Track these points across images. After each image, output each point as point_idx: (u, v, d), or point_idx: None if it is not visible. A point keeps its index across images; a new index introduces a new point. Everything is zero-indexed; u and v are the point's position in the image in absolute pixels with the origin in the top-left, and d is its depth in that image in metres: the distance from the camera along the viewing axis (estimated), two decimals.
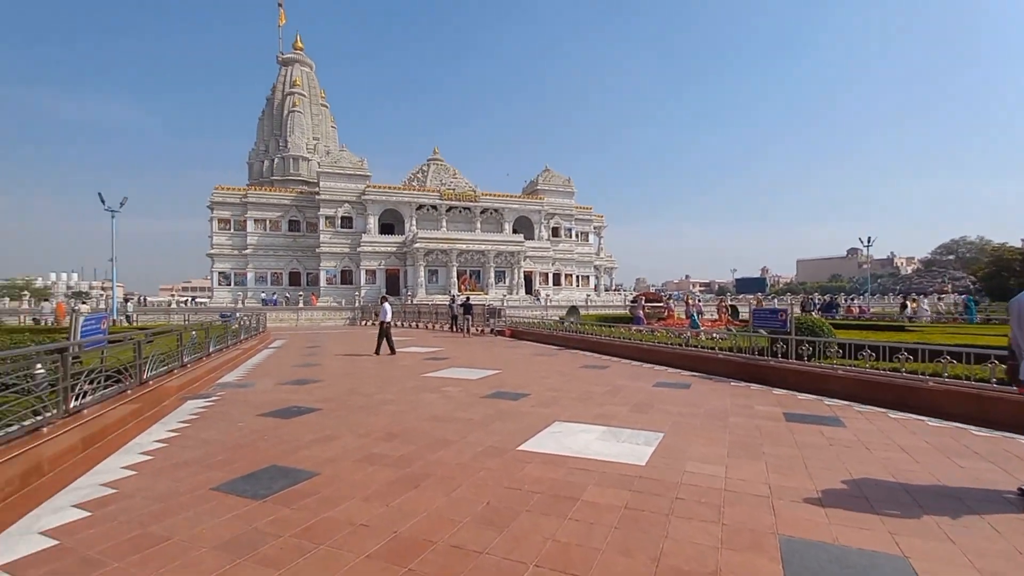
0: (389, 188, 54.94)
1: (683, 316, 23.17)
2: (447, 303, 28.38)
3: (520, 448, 5.27)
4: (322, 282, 52.39)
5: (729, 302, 22.79)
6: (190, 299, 61.00)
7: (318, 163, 58.25)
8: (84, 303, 26.64)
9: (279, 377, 10.26)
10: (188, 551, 3.11)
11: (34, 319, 24.08)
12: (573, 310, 23.45)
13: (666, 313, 22.36)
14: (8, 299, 43.35)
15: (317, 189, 54.18)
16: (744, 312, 24.47)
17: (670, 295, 39.04)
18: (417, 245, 50.05)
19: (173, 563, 2.96)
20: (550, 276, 60.59)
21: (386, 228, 55.88)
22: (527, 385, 9.20)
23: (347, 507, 3.79)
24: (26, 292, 52.21)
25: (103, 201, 24.54)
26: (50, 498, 3.99)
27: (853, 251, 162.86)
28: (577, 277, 64.83)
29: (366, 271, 52.14)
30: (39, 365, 4.99)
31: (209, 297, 54.31)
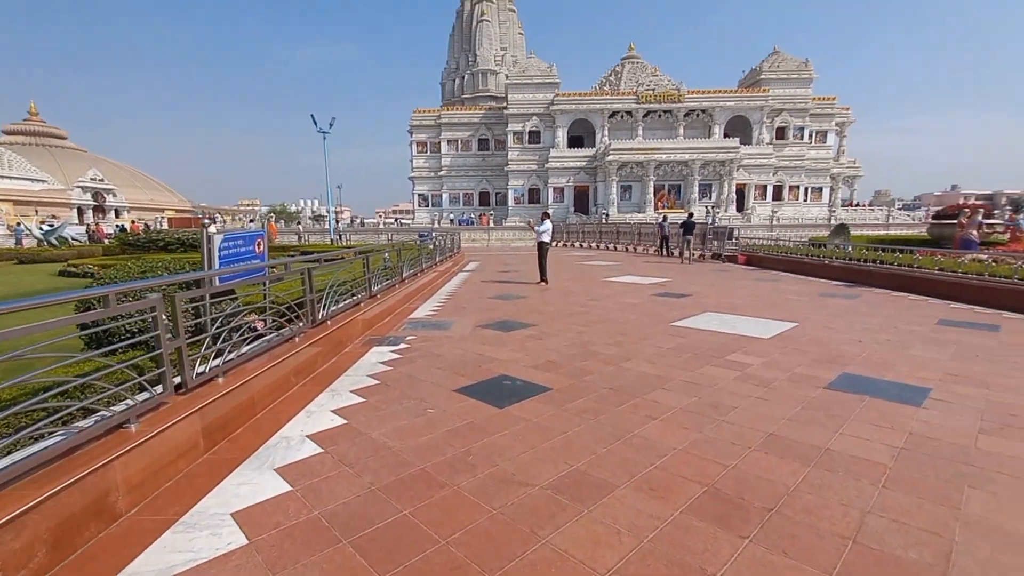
0: (579, 95, 50.13)
1: None
2: (655, 221, 24.01)
3: None
4: (510, 201, 52.00)
5: None
6: (395, 220, 67.50)
7: (506, 75, 56.01)
8: (213, 221, 27.79)
9: (479, 315, 7.98)
10: None
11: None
12: (841, 228, 17.11)
13: (1008, 236, 14.52)
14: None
15: (505, 104, 52.40)
16: None
17: (1015, 206, 27.33)
18: (610, 158, 45.26)
19: None
20: (769, 189, 50.08)
21: (576, 141, 51.99)
22: (887, 356, 5.14)
23: None
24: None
25: (315, 123, 26.00)
26: None
27: None
28: (806, 189, 52.57)
29: (554, 188, 49.81)
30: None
31: (411, 218, 58.87)
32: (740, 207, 48.01)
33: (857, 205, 58.68)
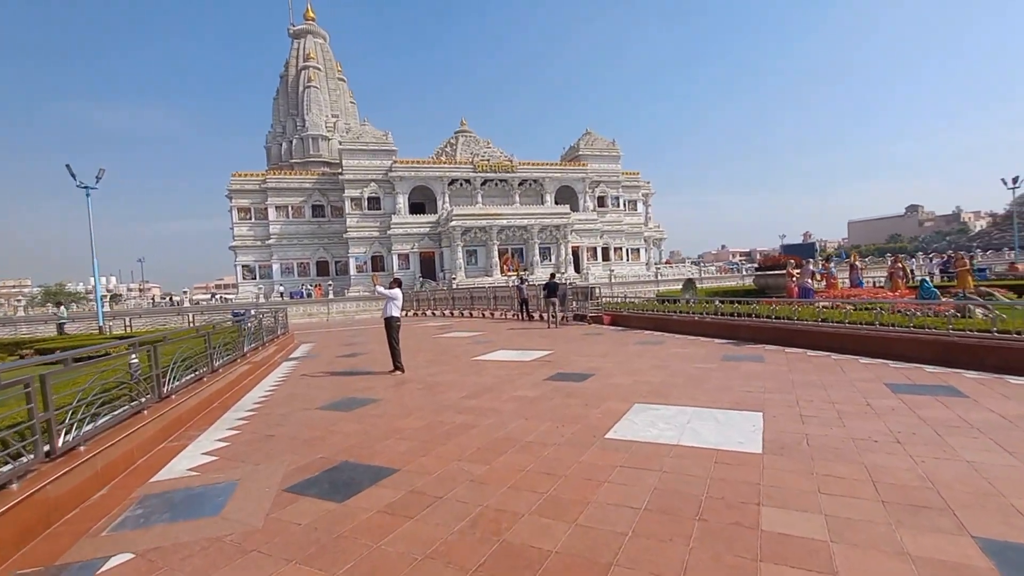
0: (418, 162, 49.41)
1: (849, 283, 16.99)
2: (512, 284, 22.77)
3: None
4: (352, 270, 47.67)
5: (902, 264, 16.39)
6: (213, 296, 57.17)
7: (339, 141, 53.05)
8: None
9: (295, 454, 4.79)
10: None
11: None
12: (689, 283, 17.52)
13: (824, 283, 16.17)
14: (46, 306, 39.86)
15: (340, 169, 49.14)
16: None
17: (831, 257, 31.98)
18: (453, 223, 44.52)
19: None
20: (598, 250, 54.41)
21: (416, 208, 50.56)
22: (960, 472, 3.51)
23: None
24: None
25: (73, 176, 19.60)
26: None
27: (913, 208, 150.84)
28: (627, 251, 58.44)
29: (399, 255, 47.07)
30: None
31: (235, 293, 50.31)
32: (577, 268, 50.96)
33: (670, 262, 67.52)
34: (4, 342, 12.65)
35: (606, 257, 55.77)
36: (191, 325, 20.93)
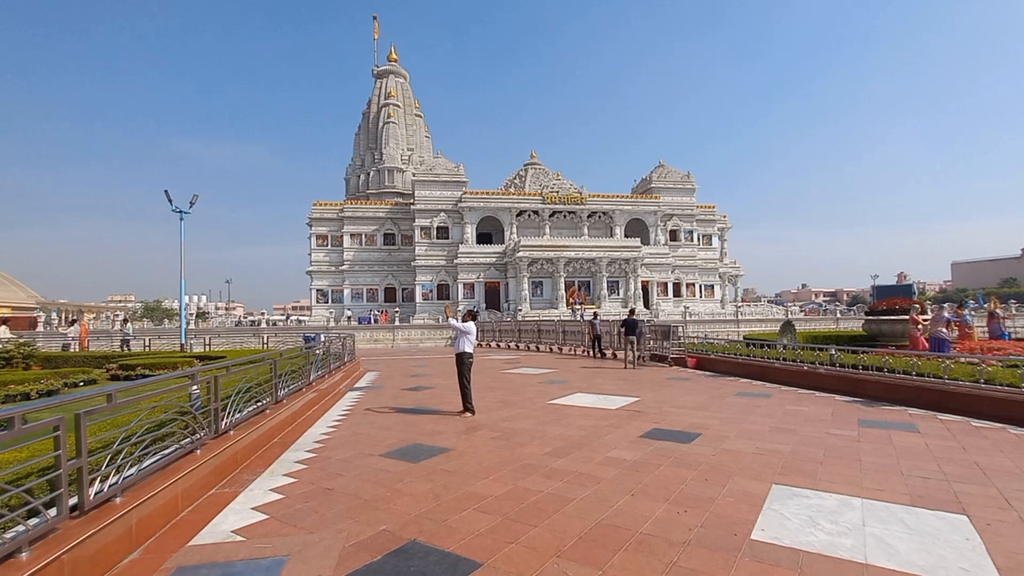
0: (486, 193, 50.04)
1: (988, 335, 14.39)
2: (584, 318, 21.69)
3: None
4: (418, 297, 48.44)
5: None
6: (287, 317, 60.15)
7: (412, 173, 55.09)
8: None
9: (353, 520, 4.02)
10: None
11: (64, 344, 20.81)
12: (788, 326, 15.57)
13: (957, 332, 13.71)
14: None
15: (412, 200, 50.80)
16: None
17: (965, 303, 28.29)
18: (520, 254, 44.20)
19: None
20: (669, 286, 51.93)
21: (484, 238, 50.93)
22: None
23: None
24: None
25: (170, 200, 21.15)
26: None
27: None
28: (700, 287, 55.41)
29: (464, 284, 47.27)
30: None
31: (308, 315, 52.69)
32: (646, 303, 48.73)
33: (746, 301, 63.25)
34: (95, 356, 13.20)
35: (677, 293, 53.13)
36: (265, 345, 21.51)
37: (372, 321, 42.49)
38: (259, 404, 6.20)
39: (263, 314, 49.58)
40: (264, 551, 3.40)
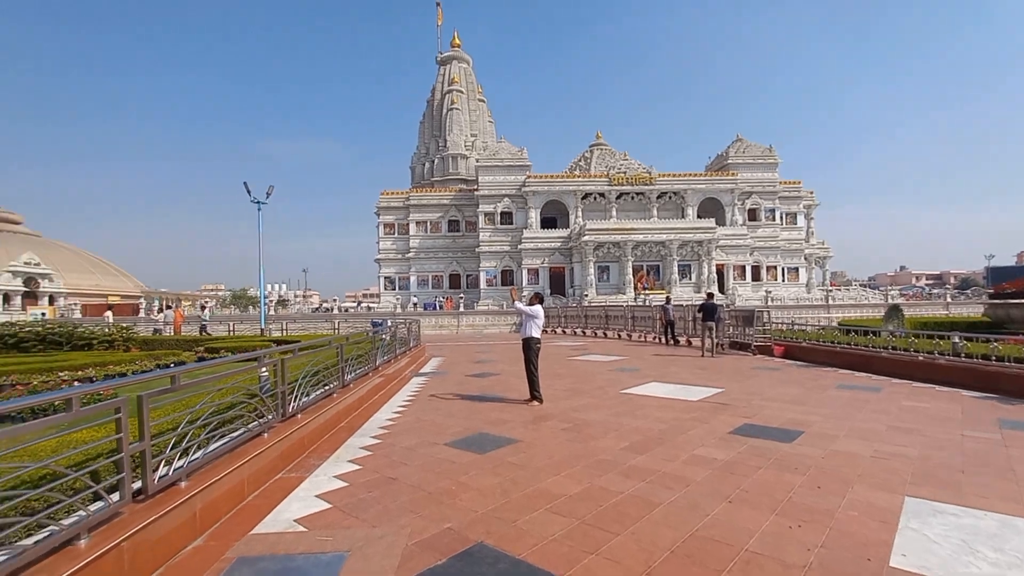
0: (551, 177, 49.15)
1: None
2: (649, 304, 20.70)
3: None
4: (482, 283, 48.79)
5: None
6: (358, 304, 62.94)
7: (476, 159, 55.18)
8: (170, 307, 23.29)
9: (415, 514, 3.77)
10: None
11: (155, 329, 22.68)
12: (895, 311, 13.81)
13: None
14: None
15: (476, 186, 50.98)
16: None
17: None
18: (585, 238, 43.13)
19: None
20: (747, 269, 48.62)
21: (548, 223, 50.20)
22: None
23: None
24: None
25: (249, 192, 22.49)
26: None
27: None
28: (783, 269, 51.41)
29: (528, 270, 46.97)
30: None
31: (377, 302, 54.82)
32: (721, 288, 45.99)
33: (833, 285, 58.07)
34: (186, 339, 14.22)
35: (757, 277, 49.70)
36: (336, 331, 22.41)
37: (437, 307, 43.37)
38: (326, 388, 6.17)
39: (335, 301, 52.18)
40: (325, 545, 3.20)
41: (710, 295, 14.14)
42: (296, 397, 5.21)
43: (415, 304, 46.18)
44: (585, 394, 8.24)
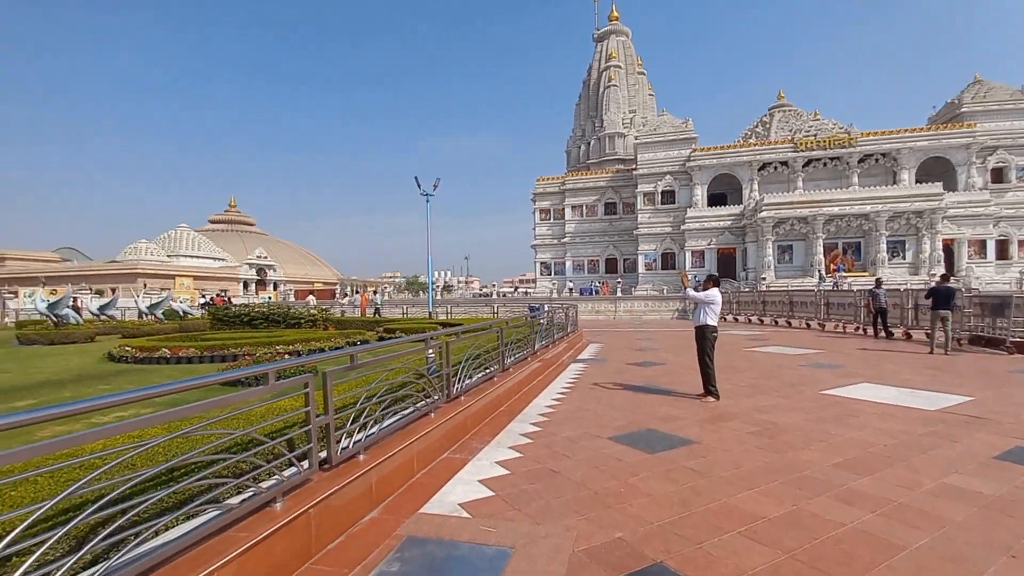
0: (721, 148, 44.47)
1: None
2: (842, 287, 17.47)
3: None
4: (640, 267, 46.68)
5: None
6: (515, 289, 65.58)
7: (635, 136, 52.68)
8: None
9: (580, 515, 3.49)
10: None
11: (341, 311, 25.97)
12: None
13: None
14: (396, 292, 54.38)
15: (634, 166, 48.71)
16: None
17: None
18: (763, 214, 38.16)
19: None
20: (989, 244, 38.13)
21: (716, 200, 45.73)
22: None
23: None
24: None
25: (419, 185, 24.53)
26: None
27: None
28: None
29: (692, 252, 43.47)
30: None
31: (533, 287, 56.42)
32: (949, 268, 36.69)
33: None
34: (369, 320, 16.32)
35: (1003, 254, 38.76)
36: (495, 315, 23.45)
37: (593, 292, 42.79)
38: (487, 371, 6.23)
39: (494, 286, 55.32)
40: (488, 537, 3.06)
41: (944, 277, 11.13)
42: (460, 379, 5.31)
43: (571, 289, 46.33)
44: (772, 392, 7.04)
